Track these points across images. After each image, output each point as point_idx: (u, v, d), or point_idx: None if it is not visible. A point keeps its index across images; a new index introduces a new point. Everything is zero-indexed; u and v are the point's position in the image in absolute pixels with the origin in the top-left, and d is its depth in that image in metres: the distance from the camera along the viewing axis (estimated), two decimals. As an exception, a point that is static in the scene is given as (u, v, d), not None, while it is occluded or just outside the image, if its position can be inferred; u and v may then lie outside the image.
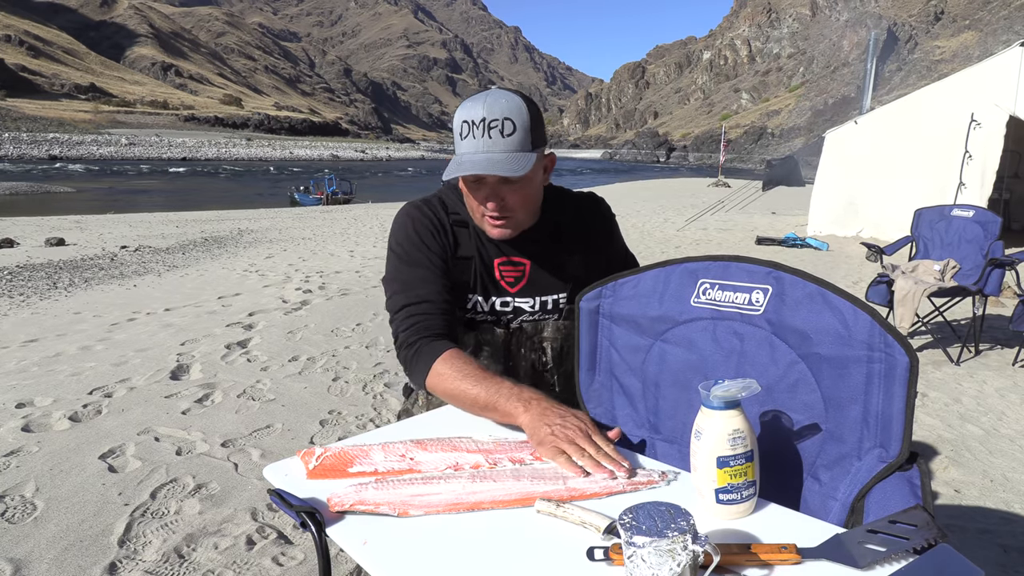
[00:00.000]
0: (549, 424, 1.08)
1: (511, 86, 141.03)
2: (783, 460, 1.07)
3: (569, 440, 1.04)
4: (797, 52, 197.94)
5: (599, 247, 1.51)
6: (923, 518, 0.82)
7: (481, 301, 1.45)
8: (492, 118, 1.25)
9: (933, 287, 4.39)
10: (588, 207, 1.52)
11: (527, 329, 1.47)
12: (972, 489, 2.75)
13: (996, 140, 8.93)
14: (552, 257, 1.46)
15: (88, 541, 2.26)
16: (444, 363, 1.25)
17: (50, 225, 13.99)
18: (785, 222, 13.42)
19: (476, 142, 1.26)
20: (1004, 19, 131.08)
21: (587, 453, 1.02)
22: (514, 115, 1.26)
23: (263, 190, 34.59)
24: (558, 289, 1.47)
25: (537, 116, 1.30)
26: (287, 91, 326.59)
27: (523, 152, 1.28)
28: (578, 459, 1.02)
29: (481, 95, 1.29)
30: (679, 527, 0.74)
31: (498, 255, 1.44)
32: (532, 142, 1.29)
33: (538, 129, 1.30)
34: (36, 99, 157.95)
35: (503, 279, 1.45)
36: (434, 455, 1.12)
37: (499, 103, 1.26)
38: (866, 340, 0.98)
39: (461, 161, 1.27)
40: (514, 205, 1.34)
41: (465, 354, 1.29)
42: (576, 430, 1.06)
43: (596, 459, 1.02)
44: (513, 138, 1.26)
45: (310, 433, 3.23)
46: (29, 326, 5.32)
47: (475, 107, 1.27)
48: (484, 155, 1.26)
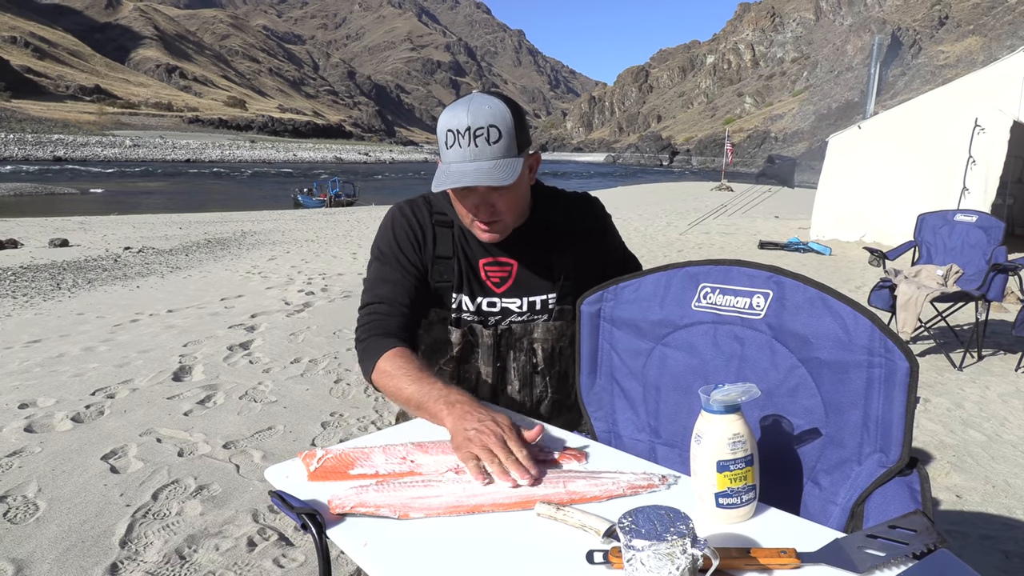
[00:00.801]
0: (467, 428, 1.08)
1: (515, 90, 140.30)
2: (783, 464, 1.08)
3: (482, 445, 1.04)
4: (801, 56, 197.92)
5: (591, 247, 1.50)
6: (923, 523, 0.82)
7: (467, 301, 1.44)
8: (477, 126, 1.24)
9: (936, 292, 4.39)
10: (579, 207, 1.51)
11: (516, 330, 1.46)
12: (974, 495, 2.74)
13: (1000, 145, 8.91)
14: (540, 257, 1.45)
15: (90, 542, 2.26)
16: (386, 360, 1.28)
17: (54, 226, 14.04)
18: (788, 226, 13.41)
19: (463, 151, 1.25)
20: (1008, 24, 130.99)
21: (497, 459, 1.03)
22: (498, 121, 1.25)
23: (266, 192, 34.67)
24: (546, 289, 1.46)
25: (520, 119, 1.29)
26: (291, 93, 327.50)
27: (510, 158, 1.27)
28: (488, 465, 1.03)
29: (463, 101, 1.28)
30: (679, 531, 0.74)
31: (484, 255, 1.44)
32: (518, 146, 1.29)
33: (522, 132, 1.30)
34: (41, 100, 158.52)
35: (489, 279, 1.44)
36: (435, 458, 1.12)
37: (483, 110, 1.25)
38: (866, 345, 0.98)
39: (449, 172, 1.26)
40: (503, 210, 1.34)
41: (409, 353, 1.30)
42: (491, 435, 1.05)
43: (505, 465, 1.02)
44: (499, 145, 1.25)
45: (312, 435, 3.23)
46: (32, 327, 5.34)
47: (459, 115, 1.25)
48: (472, 164, 1.25)
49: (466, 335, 1.45)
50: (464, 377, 1.48)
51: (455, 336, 1.45)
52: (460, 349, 1.46)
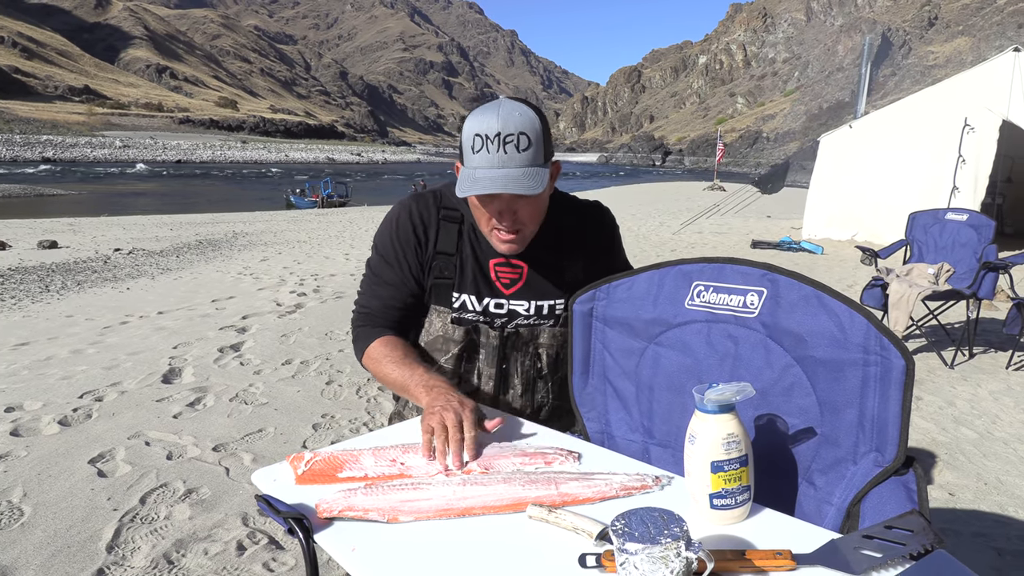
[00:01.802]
0: (434, 406, 1.16)
1: (508, 90, 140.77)
2: (778, 464, 1.06)
3: (440, 420, 1.11)
4: (792, 57, 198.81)
5: (598, 256, 1.49)
6: (920, 523, 0.81)
7: (473, 300, 1.43)
8: (508, 132, 1.21)
9: (927, 290, 4.40)
10: (592, 215, 1.50)
11: (523, 334, 1.45)
12: (966, 492, 2.75)
13: (989, 144, 8.97)
14: (551, 262, 1.44)
15: (76, 547, 2.23)
16: (376, 347, 1.38)
17: (43, 228, 13.93)
18: (780, 226, 13.46)
19: (491, 157, 1.22)
20: (997, 25, 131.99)
21: (443, 439, 1.09)
22: (528, 129, 1.23)
23: (258, 193, 34.53)
24: (555, 295, 1.45)
25: (547, 128, 1.29)
26: (283, 94, 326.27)
27: (538, 167, 1.25)
28: (436, 438, 1.10)
29: (492, 106, 1.25)
30: (672, 533, 0.73)
31: (495, 255, 1.42)
32: (544, 155, 1.27)
33: (548, 141, 1.28)
34: (29, 101, 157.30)
35: (499, 280, 1.43)
36: (425, 460, 1.11)
37: (513, 116, 1.22)
38: (862, 343, 0.97)
39: (476, 177, 1.23)
40: (526, 219, 1.33)
41: (397, 340, 1.39)
42: (452, 413, 1.12)
43: (442, 447, 1.09)
44: (528, 153, 1.23)
45: (303, 437, 3.21)
46: (20, 329, 5.28)
47: (488, 119, 1.23)
48: (500, 171, 1.22)
49: (470, 333, 1.44)
50: (466, 378, 1.47)
51: (458, 334, 1.44)
52: (463, 347, 1.44)
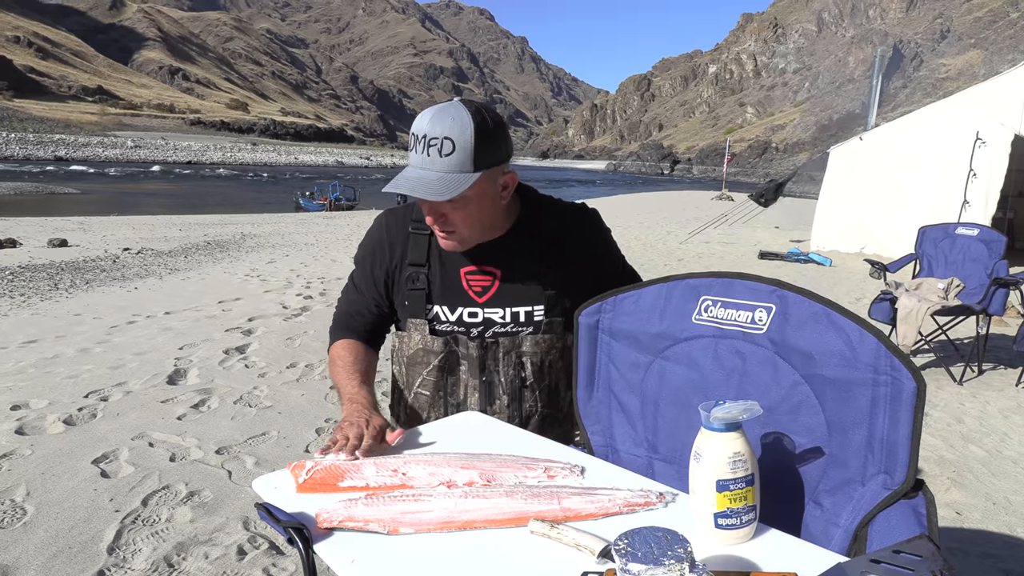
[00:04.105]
0: (347, 419, 1.23)
1: (518, 96, 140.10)
2: (784, 484, 1.05)
3: (343, 432, 1.17)
4: (803, 67, 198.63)
5: (583, 259, 1.44)
6: (929, 549, 0.79)
7: (445, 311, 1.41)
8: (432, 136, 1.23)
9: (936, 305, 4.37)
10: (572, 218, 1.47)
11: (504, 343, 1.42)
12: (974, 512, 2.71)
13: (1001, 159, 8.92)
14: (525, 268, 1.41)
15: (77, 548, 2.23)
16: (335, 349, 1.46)
17: (53, 226, 14.01)
18: (788, 237, 13.41)
19: (417, 157, 1.26)
20: (1010, 38, 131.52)
21: (338, 445, 1.14)
22: (455, 135, 1.22)
23: (267, 195, 34.68)
24: (531, 301, 1.41)
25: (486, 137, 1.24)
26: (293, 97, 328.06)
27: (459, 173, 1.24)
28: (332, 447, 1.15)
29: (436, 107, 1.26)
30: (676, 555, 0.72)
31: (466, 264, 1.40)
32: (474, 163, 1.24)
33: (485, 150, 1.25)
34: (43, 100, 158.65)
35: (471, 288, 1.41)
36: (428, 470, 1.10)
37: (444, 121, 1.22)
38: (872, 363, 0.95)
39: (400, 175, 1.28)
40: (457, 223, 1.32)
41: (356, 346, 1.45)
42: (354, 427, 1.18)
43: (335, 451, 1.14)
44: (450, 159, 1.23)
45: (306, 441, 3.20)
46: (29, 327, 5.31)
47: (423, 120, 1.25)
48: (417, 172, 1.25)
49: (448, 344, 1.42)
50: (451, 391, 1.45)
51: (437, 345, 1.42)
52: (443, 359, 1.43)
